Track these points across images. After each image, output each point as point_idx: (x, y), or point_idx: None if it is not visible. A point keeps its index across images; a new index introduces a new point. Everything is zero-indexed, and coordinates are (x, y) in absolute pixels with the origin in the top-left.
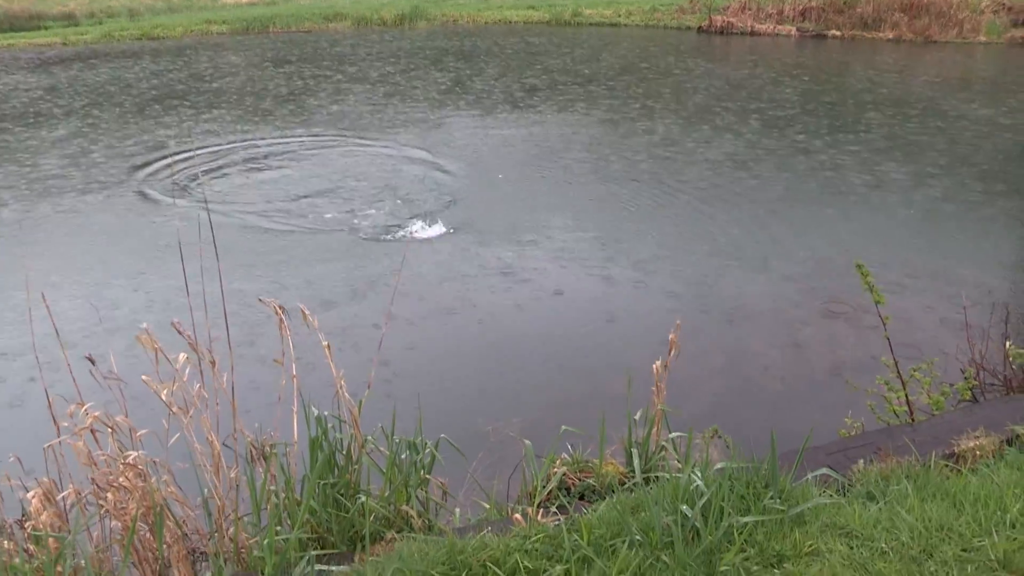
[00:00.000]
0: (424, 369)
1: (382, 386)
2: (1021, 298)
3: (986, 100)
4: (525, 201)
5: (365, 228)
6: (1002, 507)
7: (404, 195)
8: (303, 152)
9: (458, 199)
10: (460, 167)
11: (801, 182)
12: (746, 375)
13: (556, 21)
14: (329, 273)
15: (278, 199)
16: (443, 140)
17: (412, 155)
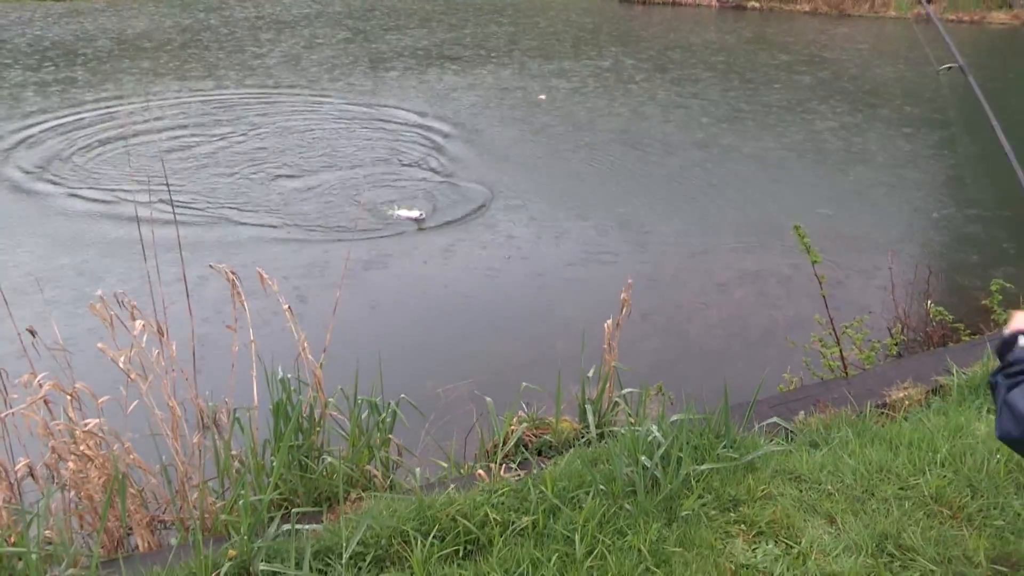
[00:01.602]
0: (369, 335)
1: (332, 350)
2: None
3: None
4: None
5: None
6: (933, 449)
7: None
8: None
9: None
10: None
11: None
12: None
13: None
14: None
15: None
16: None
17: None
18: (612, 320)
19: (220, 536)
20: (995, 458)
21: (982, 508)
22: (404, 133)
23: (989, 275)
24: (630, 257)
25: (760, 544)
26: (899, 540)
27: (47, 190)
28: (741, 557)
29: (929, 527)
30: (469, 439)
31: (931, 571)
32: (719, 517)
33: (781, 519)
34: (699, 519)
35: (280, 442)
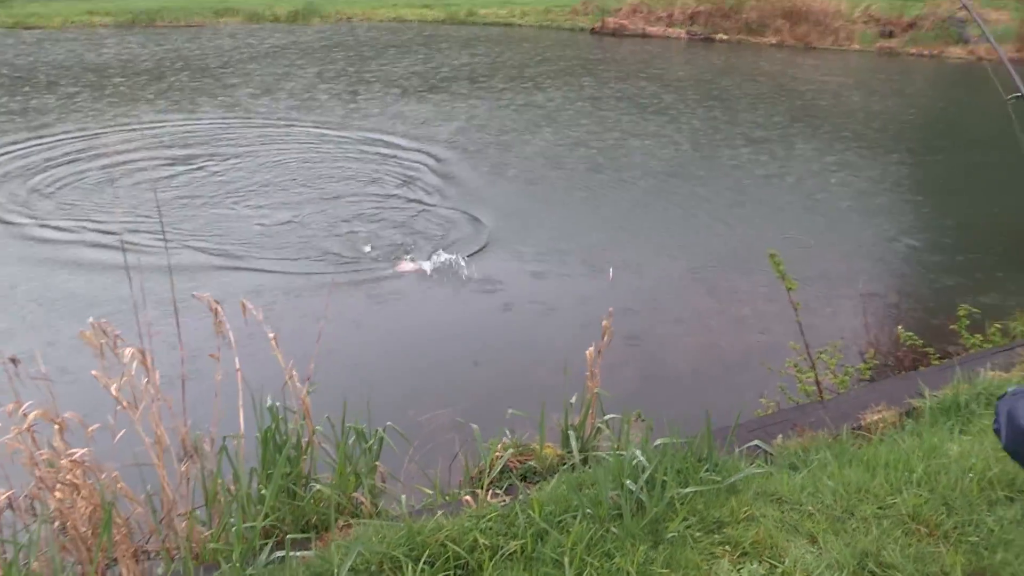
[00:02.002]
0: (349, 365)
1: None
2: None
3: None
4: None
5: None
6: (909, 469)
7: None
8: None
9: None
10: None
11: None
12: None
13: (451, 20)
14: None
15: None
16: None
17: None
18: (594, 347)
19: (209, 565)
20: (968, 477)
21: (957, 525)
22: (384, 163)
23: (956, 301)
24: (604, 285)
25: (745, 564)
26: (879, 558)
27: (18, 220)
28: None
29: (907, 544)
30: (453, 466)
31: None
32: (704, 539)
33: (764, 539)
34: (684, 541)
35: (268, 470)
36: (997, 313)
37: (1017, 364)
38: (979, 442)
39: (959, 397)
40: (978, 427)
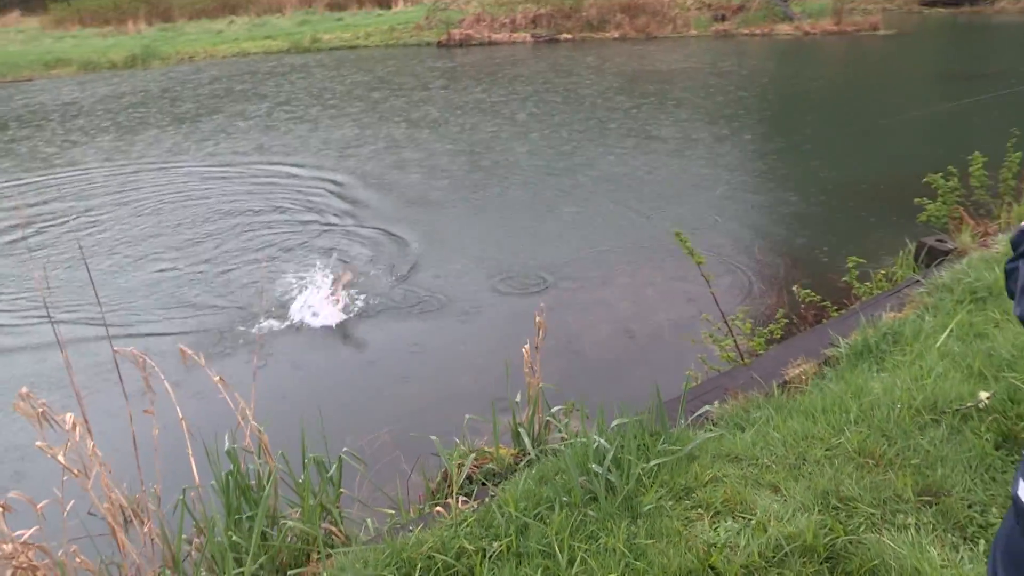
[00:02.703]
0: (279, 400)
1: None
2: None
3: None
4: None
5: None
6: (845, 410)
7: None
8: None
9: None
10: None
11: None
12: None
13: (295, 49)
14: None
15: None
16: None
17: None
18: (530, 343)
19: None
20: (897, 408)
21: (899, 452)
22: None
23: (842, 254)
24: (507, 286)
25: (720, 522)
26: (839, 493)
27: None
28: (707, 537)
29: (861, 477)
30: (406, 482)
31: (871, 514)
32: (677, 506)
33: (733, 497)
34: (660, 511)
35: (234, 516)
36: (877, 261)
37: (907, 304)
38: (896, 376)
39: (868, 340)
40: (891, 363)
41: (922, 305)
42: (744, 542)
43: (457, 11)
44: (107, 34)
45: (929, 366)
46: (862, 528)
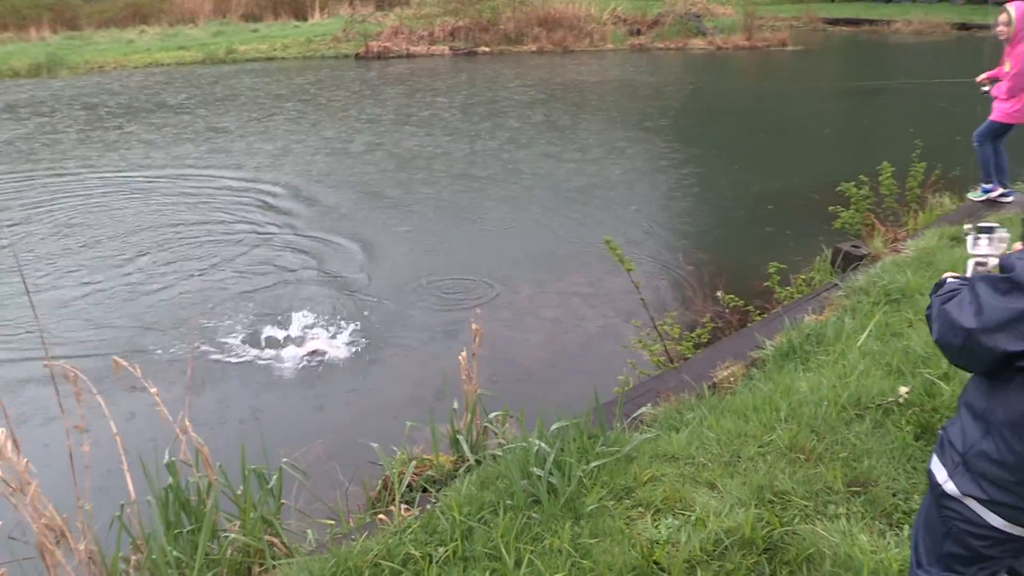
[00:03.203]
0: (208, 418)
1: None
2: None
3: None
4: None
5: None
6: (775, 408)
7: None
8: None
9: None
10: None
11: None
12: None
13: (210, 60)
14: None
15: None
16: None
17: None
18: (466, 351)
19: None
20: (824, 405)
21: (827, 446)
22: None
23: (763, 260)
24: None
25: (661, 520)
26: (773, 488)
27: None
28: (650, 534)
29: (793, 472)
30: (345, 493)
31: (805, 506)
32: (619, 506)
33: (672, 495)
34: (603, 511)
35: (174, 530)
36: (796, 266)
37: (827, 307)
38: (821, 375)
39: (793, 341)
40: (816, 363)
41: (841, 307)
42: (685, 538)
43: (375, 24)
44: (5, 40)
45: (851, 365)
46: (797, 520)
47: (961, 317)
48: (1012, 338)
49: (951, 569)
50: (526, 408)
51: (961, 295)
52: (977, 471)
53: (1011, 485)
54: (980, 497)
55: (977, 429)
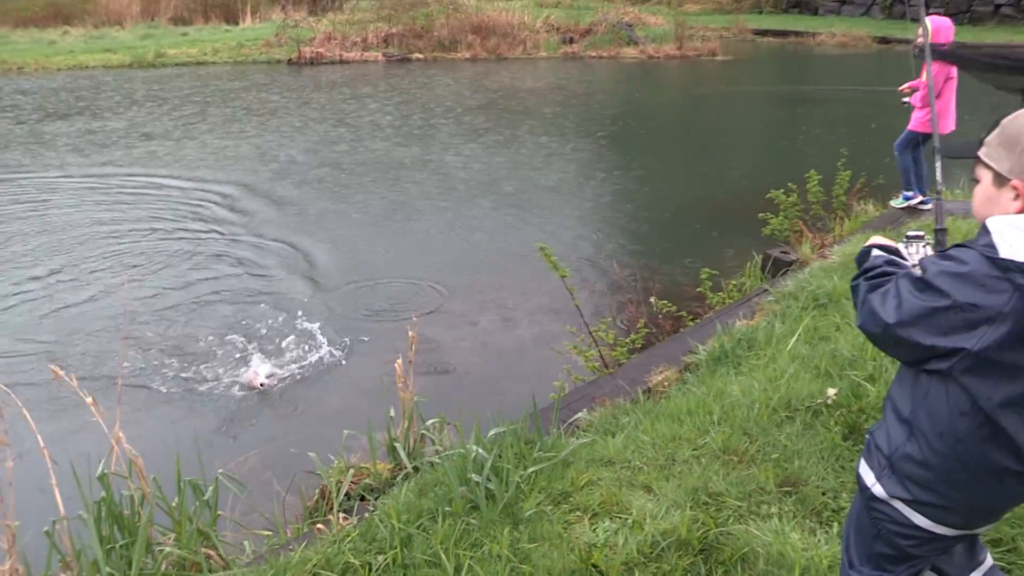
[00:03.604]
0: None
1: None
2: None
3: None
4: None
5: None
6: (709, 412)
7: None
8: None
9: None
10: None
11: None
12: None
13: (139, 63)
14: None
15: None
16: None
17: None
18: (402, 359)
19: None
20: (756, 407)
21: (760, 448)
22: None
23: (695, 267)
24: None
25: (599, 523)
26: (708, 489)
27: None
28: (587, 537)
29: (727, 473)
30: (283, 503)
31: (739, 506)
32: (556, 510)
33: (609, 499)
34: (541, 516)
35: (107, 546)
36: (727, 272)
37: (758, 312)
38: (752, 379)
39: (725, 346)
40: (747, 367)
41: (771, 312)
42: (623, 540)
43: (308, 29)
44: None
45: (782, 368)
46: (731, 520)
47: (883, 311)
48: (924, 332)
49: (881, 568)
50: (463, 415)
51: (887, 288)
52: (903, 473)
53: (934, 485)
54: (906, 498)
55: (902, 432)
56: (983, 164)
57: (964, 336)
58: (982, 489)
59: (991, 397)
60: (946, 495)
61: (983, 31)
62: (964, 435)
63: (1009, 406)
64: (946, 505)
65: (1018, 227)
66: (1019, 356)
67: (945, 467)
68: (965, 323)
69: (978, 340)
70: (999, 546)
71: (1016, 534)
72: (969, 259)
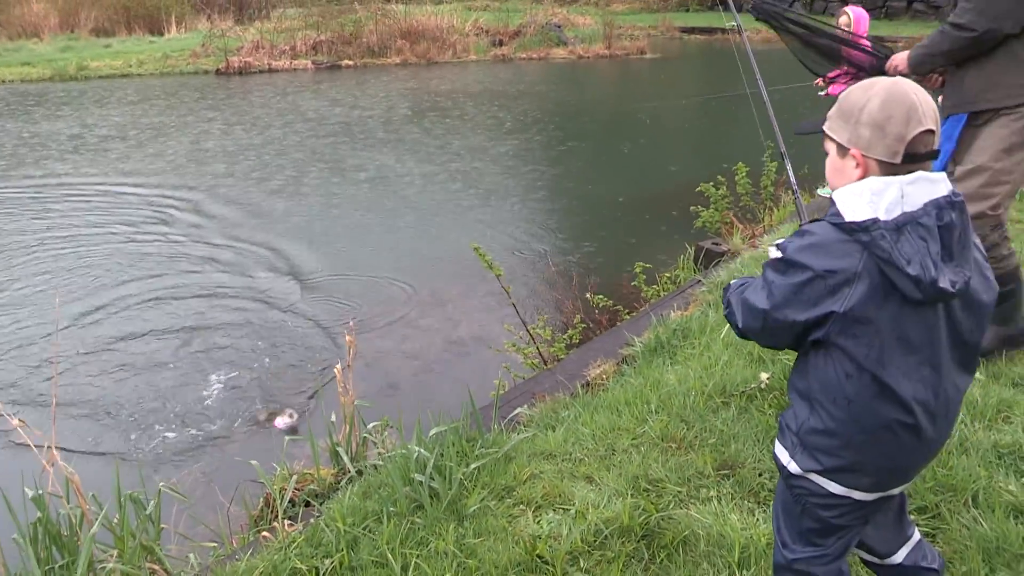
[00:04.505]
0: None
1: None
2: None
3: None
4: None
5: None
6: (646, 402)
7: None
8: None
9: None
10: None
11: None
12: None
13: (59, 76)
14: None
15: None
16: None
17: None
18: (341, 363)
19: None
20: (692, 395)
21: (697, 434)
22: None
23: (629, 261)
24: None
25: (542, 515)
26: (648, 477)
27: None
28: (532, 530)
29: (666, 460)
30: (227, 513)
31: (679, 491)
32: (500, 505)
33: (551, 491)
34: (485, 511)
35: (46, 566)
36: (661, 265)
37: (692, 302)
38: (688, 367)
39: (660, 337)
40: (683, 356)
41: (704, 302)
42: (566, 531)
43: (235, 38)
44: None
45: (716, 356)
46: (672, 505)
47: (757, 301)
48: (796, 309)
49: (812, 543)
50: (404, 417)
51: (754, 282)
52: (811, 446)
53: (839, 451)
54: (818, 469)
55: (804, 408)
56: (828, 137)
57: (830, 301)
58: (881, 447)
59: (868, 354)
60: (851, 459)
61: (898, 25)
62: (853, 396)
63: (886, 360)
64: (854, 468)
65: (855, 193)
66: (883, 311)
67: (844, 431)
68: (828, 289)
69: (843, 302)
70: (924, 513)
71: (939, 500)
72: (819, 230)
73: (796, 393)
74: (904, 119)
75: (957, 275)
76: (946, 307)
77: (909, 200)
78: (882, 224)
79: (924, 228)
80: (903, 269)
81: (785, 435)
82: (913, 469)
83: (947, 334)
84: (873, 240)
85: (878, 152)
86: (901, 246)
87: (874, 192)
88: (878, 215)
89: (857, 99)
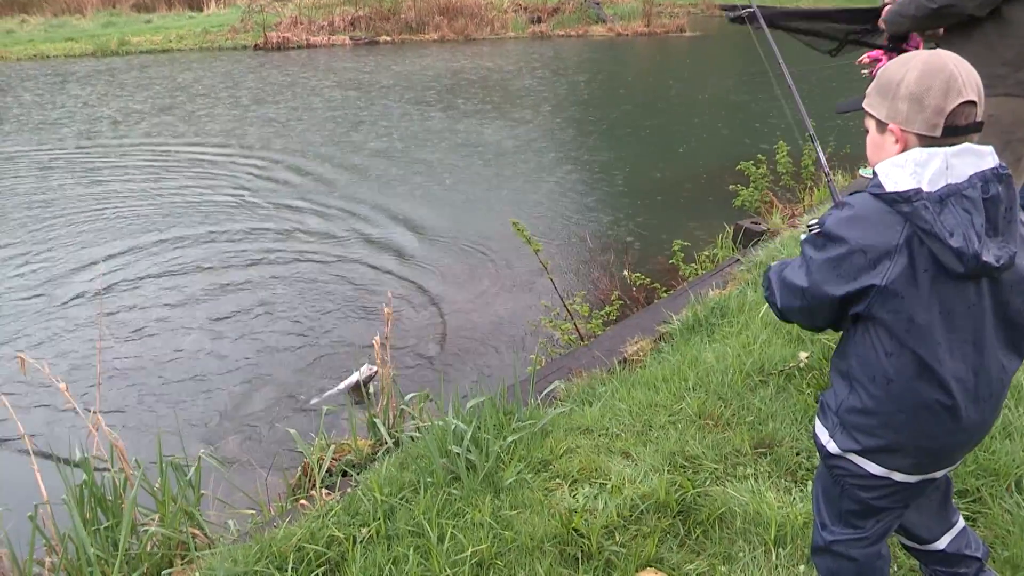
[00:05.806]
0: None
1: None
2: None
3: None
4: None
5: None
6: (683, 379)
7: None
8: None
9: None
10: None
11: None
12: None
13: (101, 52)
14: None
15: None
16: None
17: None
18: (379, 336)
19: None
20: (729, 373)
21: (735, 412)
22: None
23: (666, 239)
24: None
25: (578, 489)
26: (685, 453)
27: None
28: (568, 503)
29: (703, 437)
30: (265, 481)
31: (715, 468)
32: (536, 478)
33: (588, 465)
34: (521, 484)
35: (92, 527)
36: (699, 244)
37: (730, 281)
38: (726, 346)
39: (698, 315)
40: (721, 334)
41: (743, 281)
42: (602, 505)
43: (273, 14)
44: None
45: (754, 334)
46: (708, 482)
47: (796, 279)
48: (835, 283)
49: (851, 525)
50: (441, 389)
51: (792, 261)
52: (850, 425)
53: (878, 431)
54: (856, 449)
55: (844, 387)
56: (868, 114)
57: (870, 274)
58: (920, 427)
59: (908, 330)
60: (890, 438)
61: None
62: (893, 375)
63: (927, 336)
64: (893, 448)
65: (897, 164)
66: (925, 285)
67: (883, 410)
68: (868, 263)
69: (884, 276)
70: (965, 496)
71: (981, 484)
72: (857, 201)
73: (837, 373)
74: (943, 91)
75: (1002, 250)
76: (992, 284)
77: (954, 172)
78: (925, 195)
79: (969, 200)
80: (945, 241)
81: (825, 414)
82: (955, 452)
83: (992, 312)
84: (915, 211)
85: (917, 126)
86: (944, 217)
87: (917, 163)
88: (921, 186)
89: (894, 73)
